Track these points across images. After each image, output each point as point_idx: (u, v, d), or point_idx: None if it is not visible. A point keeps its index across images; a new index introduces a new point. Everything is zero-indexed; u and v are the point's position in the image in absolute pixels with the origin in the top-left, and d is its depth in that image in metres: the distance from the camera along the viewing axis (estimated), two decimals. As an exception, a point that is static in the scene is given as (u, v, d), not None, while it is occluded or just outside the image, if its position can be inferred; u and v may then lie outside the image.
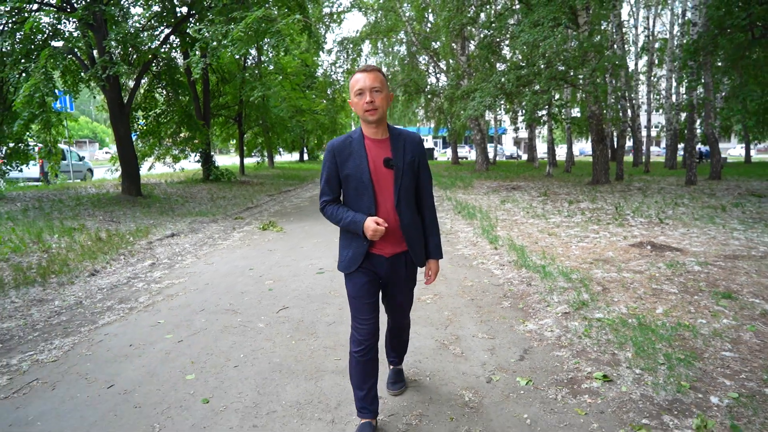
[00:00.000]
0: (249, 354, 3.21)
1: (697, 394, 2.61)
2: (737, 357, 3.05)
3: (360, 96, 2.05)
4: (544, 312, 3.90)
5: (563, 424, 2.37)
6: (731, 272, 4.88)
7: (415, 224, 2.20)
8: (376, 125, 2.11)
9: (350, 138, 2.15)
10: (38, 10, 8.69)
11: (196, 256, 6.27)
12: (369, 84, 2.02)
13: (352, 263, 2.16)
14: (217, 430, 2.34)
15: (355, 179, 2.09)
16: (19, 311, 4.11)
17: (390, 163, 2.10)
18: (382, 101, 2.06)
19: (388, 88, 2.13)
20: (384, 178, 2.10)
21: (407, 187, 2.14)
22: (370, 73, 2.04)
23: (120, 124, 10.91)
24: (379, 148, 2.11)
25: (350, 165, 2.10)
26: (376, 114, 2.05)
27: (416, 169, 2.18)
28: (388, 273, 2.21)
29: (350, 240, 2.17)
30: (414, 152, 2.16)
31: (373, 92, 2.03)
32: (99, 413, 2.51)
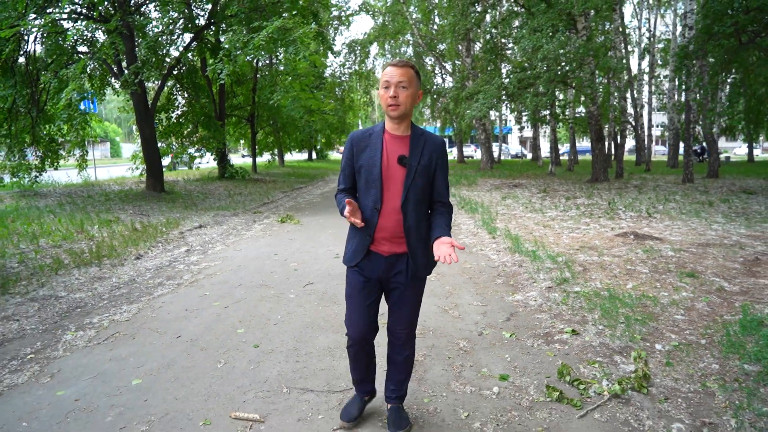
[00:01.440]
0: (284, 316, 3.92)
1: (646, 342, 3.28)
2: (686, 319, 3.72)
3: (386, 89, 2.01)
4: (531, 287, 4.59)
5: (535, 362, 3.06)
6: (700, 257, 5.54)
7: (419, 229, 2.11)
8: (398, 121, 2.07)
9: (371, 131, 2.14)
10: (76, 21, 9.48)
11: (225, 244, 6.99)
12: (396, 79, 1.98)
13: (354, 256, 2.16)
14: (269, 364, 3.05)
15: (367, 171, 2.08)
16: (85, 286, 4.85)
17: (404, 161, 2.05)
18: (407, 98, 2.01)
19: (419, 86, 2.07)
20: (395, 175, 2.06)
21: (418, 188, 2.07)
22: (400, 68, 1.99)
23: (145, 124, 11.69)
24: (396, 144, 2.08)
25: (365, 156, 2.09)
26: (398, 110, 2.01)
27: (432, 173, 2.11)
28: (386, 273, 2.16)
29: (354, 232, 2.18)
30: (432, 155, 2.10)
31: (398, 87, 1.99)
32: (175, 353, 3.23)
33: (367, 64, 28.49)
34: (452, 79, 24.46)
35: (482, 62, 16.87)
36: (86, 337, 3.54)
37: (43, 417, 2.47)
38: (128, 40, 10.04)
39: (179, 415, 2.48)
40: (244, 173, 17.75)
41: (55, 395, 2.69)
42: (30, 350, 3.31)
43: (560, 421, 2.40)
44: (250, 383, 2.80)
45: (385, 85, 2.01)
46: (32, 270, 5.27)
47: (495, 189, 13.92)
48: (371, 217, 2.09)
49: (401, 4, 23.69)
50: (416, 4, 25.95)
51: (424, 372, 2.91)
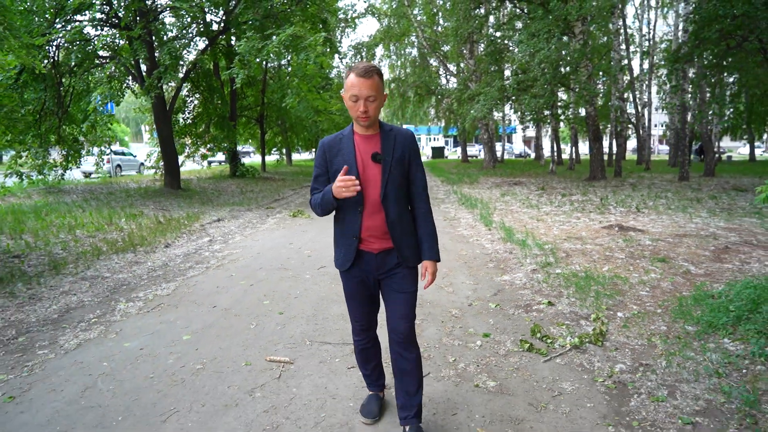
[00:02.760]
0: (302, 291, 4.55)
1: (609, 311, 3.88)
2: (650, 295, 4.31)
3: (355, 102, 2.01)
4: (518, 269, 5.20)
5: (514, 325, 3.67)
6: (675, 245, 6.12)
7: (402, 221, 2.15)
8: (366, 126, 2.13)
9: (341, 135, 2.16)
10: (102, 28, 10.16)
11: (243, 235, 7.64)
12: (365, 93, 1.98)
13: (345, 261, 2.17)
14: (293, 326, 3.68)
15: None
16: (124, 269, 5.50)
17: (377, 157, 2.08)
18: (375, 109, 2.04)
19: (384, 89, 2.09)
20: (372, 172, 2.09)
21: (395, 181, 2.11)
22: (367, 80, 1.97)
23: (163, 125, 12.37)
24: (368, 144, 2.11)
25: (339, 161, 2.10)
26: (368, 120, 2.04)
27: (406, 165, 2.15)
28: (379, 270, 2.18)
29: (340, 237, 2.20)
30: (404, 148, 2.14)
31: (367, 101, 2.00)
32: (213, 318, 3.87)
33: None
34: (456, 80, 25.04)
35: (484, 64, 17.44)
36: (136, 307, 4.18)
37: (118, 359, 3.11)
38: (149, 46, 10.72)
39: (225, 359, 3.11)
40: (255, 172, 18.44)
41: (123, 346, 3.34)
42: (92, 316, 3.96)
43: (528, 364, 3.01)
44: (279, 338, 3.44)
45: (353, 99, 2.00)
46: (76, 255, 5.93)
47: (495, 187, 14.50)
48: (355, 219, 2.11)
49: (406, 7, 24.30)
50: (422, 6, 26.56)
51: (421, 331, 3.53)
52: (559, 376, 2.85)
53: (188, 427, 2.37)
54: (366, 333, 2.35)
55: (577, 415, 2.45)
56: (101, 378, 2.88)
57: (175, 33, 12.24)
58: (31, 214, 8.57)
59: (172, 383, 2.81)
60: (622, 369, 2.91)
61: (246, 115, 21.50)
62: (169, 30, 11.93)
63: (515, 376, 2.87)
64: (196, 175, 18.40)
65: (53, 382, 2.83)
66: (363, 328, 2.33)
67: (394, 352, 2.25)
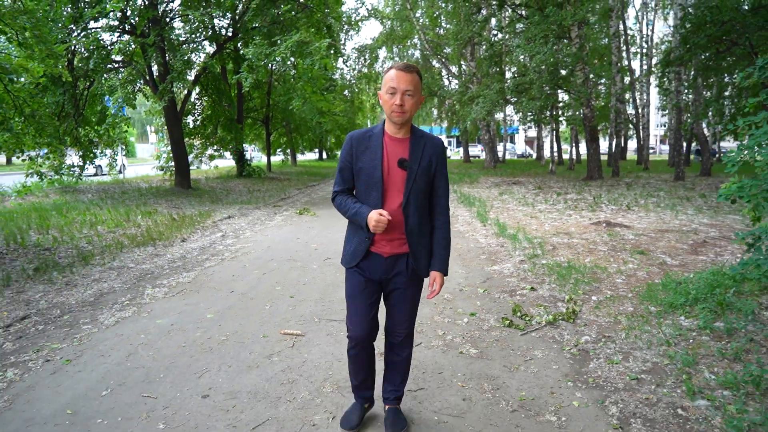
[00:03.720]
0: (310, 279, 5.04)
1: (585, 295, 4.35)
2: (625, 282, 4.77)
3: (391, 95, 1.98)
4: (507, 260, 5.67)
5: (498, 306, 4.14)
6: (656, 239, 6.57)
7: (421, 229, 2.12)
8: (400, 125, 2.08)
9: (371, 132, 2.12)
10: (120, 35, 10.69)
11: (253, 230, 8.13)
12: (403, 86, 1.96)
13: (353, 258, 2.15)
14: (303, 307, 4.16)
15: (367, 174, 2.07)
16: (147, 260, 6.00)
17: (404, 164, 2.05)
18: (412, 106, 2.01)
19: (422, 91, 2.07)
20: (396, 177, 2.06)
21: (419, 190, 2.07)
22: (407, 74, 1.97)
23: (174, 127, 12.89)
24: (397, 147, 2.08)
25: (365, 159, 2.08)
26: (403, 117, 2.00)
27: (432, 174, 2.12)
28: (386, 274, 2.15)
29: (354, 234, 2.17)
30: (432, 156, 2.10)
31: (405, 95, 1.98)
32: (232, 301, 4.36)
33: (375, 68, 29.61)
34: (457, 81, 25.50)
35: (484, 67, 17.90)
36: (162, 292, 4.68)
37: (153, 333, 3.61)
38: (162, 51, 11.23)
39: (245, 333, 3.60)
40: (261, 172, 18.96)
41: (156, 322, 3.83)
42: (124, 299, 4.45)
43: (507, 337, 3.48)
44: (291, 316, 3.92)
45: (390, 91, 1.98)
46: (101, 249, 6.44)
47: (494, 186, 14.96)
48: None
49: (408, 10, 24.77)
50: (424, 8, 27.03)
51: (415, 311, 4.00)
52: (532, 346, 3.32)
53: (219, 382, 2.85)
54: (363, 342, 2.23)
55: (543, 374, 2.92)
56: (141, 347, 3.37)
57: (184, 38, 12.77)
58: (53, 212, 9.09)
59: (201, 351, 3.29)
60: (587, 340, 3.38)
61: (252, 117, 22.04)
62: (179, 35, 12.44)
63: (495, 345, 3.34)
64: (203, 175, 18.94)
65: (100, 350, 3.33)
66: (361, 336, 2.20)
67: (388, 344, 2.34)
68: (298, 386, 2.80)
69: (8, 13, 5.25)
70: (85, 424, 2.44)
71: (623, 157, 34.60)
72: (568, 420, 2.43)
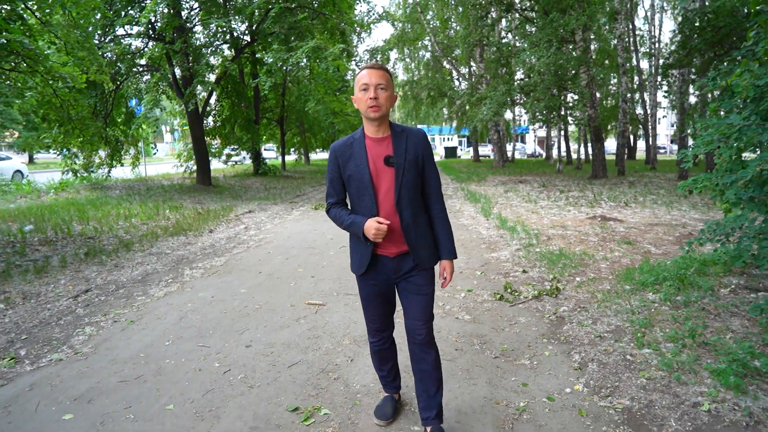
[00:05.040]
0: (328, 263, 5.68)
1: (570, 277, 4.93)
2: (608, 267, 5.34)
3: (364, 92, 2.02)
4: (505, 249, 6.26)
5: (493, 284, 4.74)
6: (645, 232, 7.12)
7: (417, 224, 2.13)
8: (377, 123, 2.08)
9: (352, 139, 2.14)
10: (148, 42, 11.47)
11: (273, 223, 8.81)
12: (375, 81, 2.00)
13: (361, 265, 2.17)
14: (323, 284, 4.81)
15: (357, 180, 2.09)
16: (181, 247, 6.69)
17: (390, 160, 2.07)
18: (386, 99, 2.03)
19: (394, 89, 2.12)
20: (385, 176, 2.07)
21: (410, 184, 2.09)
22: (376, 70, 2.02)
23: (196, 127, 13.64)
24: (379, 147, 2.10)
25: (351, 166, 2.09)
26: (379, 111, 2.02)
27: (420, 166, 2.12)
28: (396, 273, 2.17)
29: (357, 243, 2.18)
30: (417, 148, 2.11)
31: (377, 89, 2.01)
32: (261, 280, 5.02)
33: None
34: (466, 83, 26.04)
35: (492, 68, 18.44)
36: (199, 272, 5.36)
37: (198, 302, 4.28)
38: (186, 57, 11.98)
39: (275, 303, 4.25)
40: (276, 170, 19.70)
41: (198, 295, 4.50)
42: (168, 278, 5.14)
43: (497, 308, 4.09)
44: (313, 291, 4.57)
45: (363, 88, 2.02)
46: (138, 238, 7.15)
47: (501, 184, 15.50)
48: None
49: (419, 13, 25.37)
50: (435, 10, 27.61)
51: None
52: (518, 314, 3.93)
53: (258, 336, 3.51)
54: (382, 334, 2.34)
55: (524, 333, 3.53)
56: (189, 312, 4.04)
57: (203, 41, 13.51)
58: (88, 206, 9.86)
59: (240, 316, 3.95)
60: (565, 310, 3.97)
61: (267, 117, 22.82)
62: (198, 38, 13.18)
63: (486, 313, 3.96)
64: (221, 173, 19.73)
65: (156, 314, 4.00)
66: (378, 330, 2.33)
67: (412, 352, 2.28)
68: (322, 340, 3.44)
69: (63, 27, 5.97)
70: (157, 363, 3.10)
71: (632, 156, 34.84)
72: (539, 364, 3.04)
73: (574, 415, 2.46)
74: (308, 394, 2.70)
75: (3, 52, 5.24)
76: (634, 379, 2.77)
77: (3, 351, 3.32)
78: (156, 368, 3.04)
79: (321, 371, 2.98)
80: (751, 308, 3.46)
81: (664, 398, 2.54)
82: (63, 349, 3.34)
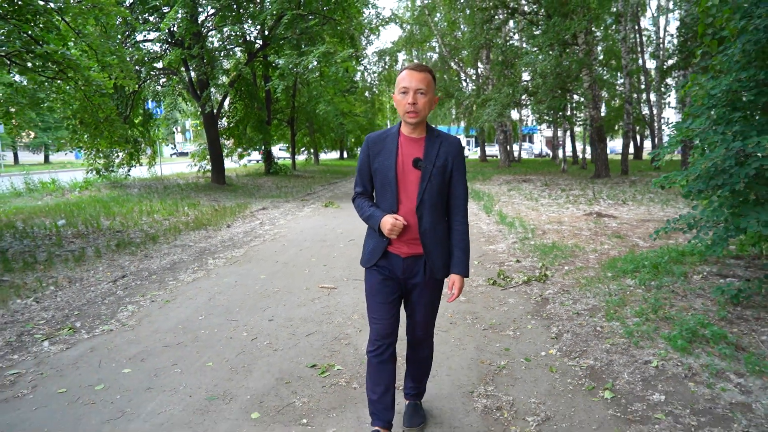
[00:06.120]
0: (339, 254, 6.20)
1: (559, 266, 5.40)
2: (596, 258, 5.80)
3: (404, 95, 1.99)
4: (502, 242, 6.74)
5: (488, 271, 5.23)
6: (636, 227, 7.55)
7: (435, 231, 2.09)
8: (414, 125, 2.07)
9: (387, 133, 2.13)
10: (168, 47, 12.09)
11: (286, 219, 9.34)
12: (415, 85, 1.97)
13: (371, 257, 2.14)
14: (335, 272, 5.32)
15: (382, 174, 2.08)
16: (202, 240, 7.24)
17: (418, 163, 2.04)
18: (425, 105, 2.00)
19: (435, 91, 2.06)
20: (410, 177, 2.05)
21: (434, 191, 2.05)
22: (418, 73, 1.98)
23: (211, 129, 14.24)
24: (412, 147, 2.07)
25: (380, 160, 2.09)
26: (416, 117, 2.00)
27: (448, 174, 2.09)
28: (404, 275, 2.14)
29: (372, 236, 2.17)
30: (448, 155, 2.08)
31: (417, 93, 1.98)
32: (278, 268, 5.54)
33: (396, 69, 30.76)
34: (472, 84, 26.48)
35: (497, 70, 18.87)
36: (221, 262, 5.89)
37: (223, 286, 4.81)
38: (202, 61, 12.57)
39: (292, 287, 4.77)
40: (286, 170, 20.29)
41: (223, 280, 5.03)
42: (194, 266, 5.68)
43: (490, 291, 4.58)
44: (325, 277, 5.09)
45: (402, 91, 2.00)
46: (162, 231, 7.71)
47: (505, 183, 15.95)
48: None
49: (427, 15, 25.85)
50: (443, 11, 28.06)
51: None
52: (508, 296, 4.42)
53: (279, 312, 4.03)
54: (383, 340, 2.16)
55: (511, 311, 4.01)
56: (216, 294, 4.57)
57: (217, 45, 14.11)
58: (112, 203, 10.47)
59: (262, 297, 4.48)
60: (550, 293, 4.45)
61: (278, 118, 23.43)
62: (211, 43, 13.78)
63: (479, 295, 4.45)
64: (233, 172, 20.36)
65: (188, 295, 4.54)
66: (380, 333, 2.15)
67: (408, 346, 2.35)
68: (335, 315, 3.95)
69: (96, 38, 6.54)
70: (194, 332, 3.63)
71: (639, 156, 35.02)
72: (521, 334, 3.52)
73: (545, 371, 2.94)
74: (323, 356, 3.21)
75: (48, 62, 5.84)
76: (600, 345, 3.25)
77: (61, 323, 3.87)
78: (193, 337, 3.57)
79: (334, 339, 3.49)
80: (714, 290, 3.93)
81: (622, 358, 3.02)
82: (111, 322, 3.88)
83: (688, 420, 2.36)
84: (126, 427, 2.43)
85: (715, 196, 3.68)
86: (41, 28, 6.78)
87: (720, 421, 2.34)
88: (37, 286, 4.77)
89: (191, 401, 2.66)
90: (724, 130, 3.44)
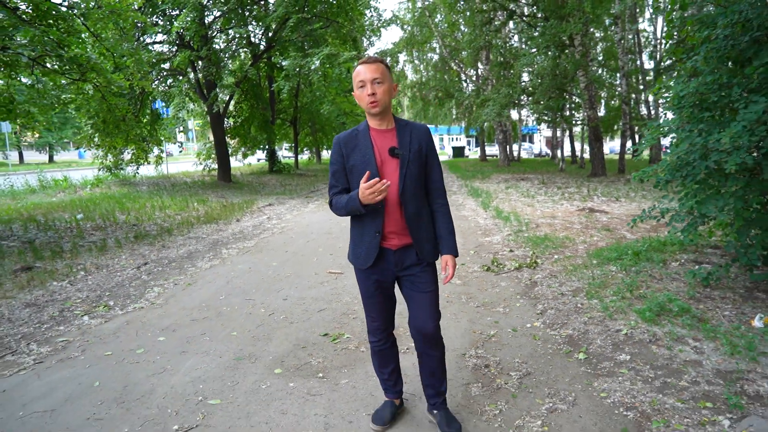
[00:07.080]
0: (344, 245, 6.61)
1: (549, 255, 5.81)
2: (585, 248, 6.21)
3: (362, 88, 2.03)
4: (497, 234, 7.15)
5: (482, 260, 5.64)
6: (625, 221, 7.95)
7: (419, 215, 2.14)
8: (380, 117, 2.10)
9: (356, 131, 2.15)
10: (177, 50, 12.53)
11: (292, 214, 9.76)
12: (370, 76, 2.00)
13: (368, 258, 2.14)
14: (340, 259, 5.73)
15: (360, 170, 2.09)
16: (214, 233, 7.66)
17: (395, 151, 2.09)
18: (384, 93, 2.04)
19: (392, 79, 2.10)
20: (390, 167, 2.10)
21: (413, 176, 2.11)
22: (371, 65, 2.02)
23: (217, 128, 14.66)
24: (384, 139, 2.12)
25: (356, 156, 2.11)
26: (378, 106, 2.04)
27: (424, 159, 2.15)
28: (398, 267, 2.16)
29: (361, 235, 2.16)
30: (421, 141, 2.14)
31: (374, 84, 2.01)
32: (287, 257, 5.96)
33: (396, 70, 31.15)
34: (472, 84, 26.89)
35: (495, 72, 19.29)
36: (234, 251, 6.31)
37: (238, 272, 5.23)
38: (210, 63, 13.00)
39: (302, 272, 5.19)
40: (290, 168, 20.71)
41: (238, 267, 5.45)
42: (209, 255, 6.10)
43: (484, 276, 4.99)
44: (332, 264, 5.50)
45: (360, 85, 2.03)
46: (176, 225, 8.13)
47: (503, 181, 16.36)
48: (376, 215, 2.10)
49: (427, 17, 26.27)
50: (443, 13, 28.47)
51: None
52: (500, 280, 4.83)
53: (291, 293, 4.44)
54: (383, 333, 2.30)
55: (502, 292, 4.43)
56: (233, 278, 4.99)
57: (222, 46, 14.53)
58: (124, 199, 10.90)
59: (275, 280, 4.89)
60: (539, 277, 4.86)
61: (281, 118, 23.86)
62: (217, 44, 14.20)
63: (474, 280, 4.86)
64: (238, 171, 20.79)
65: (207, 280, 4.95)
66: (380, 328, 2.28)
67: (419, 349, 2.29)
68: (342, 296, 4.37)
69: (115, 41, 6.97)
70: (216, 309, 4.05)
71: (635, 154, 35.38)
72: (510, 311, 3.94)
73: (529, 339, 3.36)
74: (334, 327, 3.63)
75: (73, 66, 6.26)
76: (579, 318, 3.66)
77: (96, 301, 4.29)
78: (216, 313, 3.98)
79: (343, 314, 3.91)
80: (687, 274, 4.34)
81: (596, 328, 3.44)
82: (141, 301, 4.30)
83: (647, 373, 2.77)
84: (169, 379, 2.85)
85: (681, 186, 4.08)
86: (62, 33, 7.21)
87: (674, 373, 2.76)
88: (68, 271, 5.19)
89: (221, 361, 3.08)
90: (691, 128, 3.86)
